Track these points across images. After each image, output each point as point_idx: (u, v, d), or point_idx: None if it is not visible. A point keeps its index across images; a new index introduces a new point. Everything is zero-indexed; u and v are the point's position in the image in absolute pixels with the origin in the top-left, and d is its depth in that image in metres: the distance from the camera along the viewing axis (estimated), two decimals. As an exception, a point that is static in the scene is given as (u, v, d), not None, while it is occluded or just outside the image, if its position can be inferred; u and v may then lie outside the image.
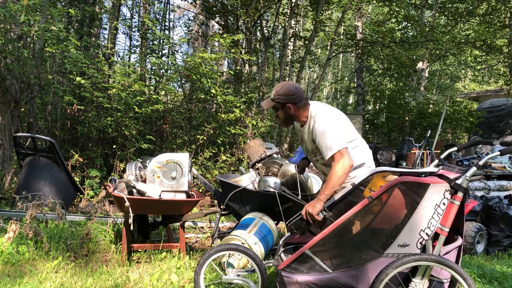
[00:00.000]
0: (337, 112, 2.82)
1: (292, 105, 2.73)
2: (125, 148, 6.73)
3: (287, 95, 2.72)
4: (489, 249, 4.44)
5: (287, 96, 2.72)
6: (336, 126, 2.67)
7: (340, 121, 2.74)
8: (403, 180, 2.13)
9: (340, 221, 2.19)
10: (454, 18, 13.59)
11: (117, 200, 3.38)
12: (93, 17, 9.06)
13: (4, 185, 5.66)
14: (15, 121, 6.49)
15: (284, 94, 2.73)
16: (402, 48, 10.53)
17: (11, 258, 3.25)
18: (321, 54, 19.72)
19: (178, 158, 3.53)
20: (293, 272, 2.27)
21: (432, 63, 15.82)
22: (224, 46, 7.49)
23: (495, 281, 3.32)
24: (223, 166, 7.05)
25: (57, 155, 5.30)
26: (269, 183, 3.87)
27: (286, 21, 10.59)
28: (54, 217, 4.35)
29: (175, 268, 3.27)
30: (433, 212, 2.14)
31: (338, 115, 2.79)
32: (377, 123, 14.81)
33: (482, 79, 21.95)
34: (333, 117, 2.73)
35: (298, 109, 2.76)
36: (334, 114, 2.76)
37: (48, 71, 7.67)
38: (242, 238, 3.28)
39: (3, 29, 6.06)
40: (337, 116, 2.77)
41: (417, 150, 7.62)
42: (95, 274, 3.14)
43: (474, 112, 12.76)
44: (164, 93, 8.80)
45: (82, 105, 6.62)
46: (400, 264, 2.06)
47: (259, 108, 8.54)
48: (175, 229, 4.83)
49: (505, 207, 4.50)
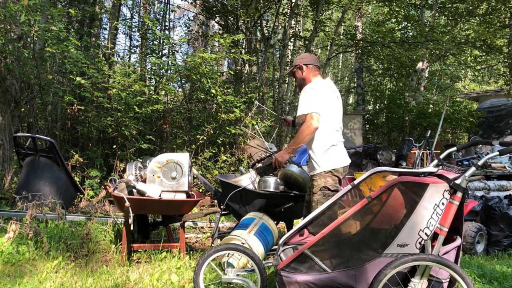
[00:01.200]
0: (329, 91, 3.15)
1: (304, 66, 3.25)
2: (125, 148, 6.74)
3: (301, 58, 3.31)
4: (489, 249, 4.44)
5: (301, 59, 3.29)
6: (318, 96, 3.04)
7: (325, 96, 3.08)
8: (402, 180, 2.13)
9: (340, 221, 2.19)
10: (454, 18, 13.59)
11: (117, 200, 3.38)
12: (93, 17, 9.06)
13: (4, 185, 5.67)
14: (15, 121, 6.49)
15: (300, 58, 3.32)
16: (402, 48, 10.52)
17: (11, 258, 3.25)
18: (321, 54, 19.72)
19: (178, 158, 3.53)
20: (293, 272, 2.28)
21: (432, 63, 15.81)
22: (224, 46, 7.49)
23: (495, 281, 3.32)
24: (223, 166, 7.05)
25: (57, 155, 5.30)
26: (269, 183, 3.87)
27: (286, 21, 10.59)
28: (54, 217, 4.36)
29: (175, 268, 3.28)
30: (432, 212, 2.14)
31: (328, 92, 3.12)
32: (377, 123, 14.81)
33: (482, 79, 21.93)
34: (321, 90, 3.09)
35: (309, 72, 3.25)
36: (324, 89, 3.11)
37: (48, 71, 7.67)
38: (242, 238, 3.28)
39: (3, 29, 6.06)
40: (326, 92, 3.11)
41: (417, 150, 7.62)
42: (95, 274, 3.15)
43: (474, 112, 12.76)
44: (164, 93, 8.80)
45: (82, 105, 6.63)
46: (398, 264, 2.07)
47: (259, 108, 8.54)
48: (175, 229, 4.84)
49: (505, 207, 4.50)
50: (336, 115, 3.15)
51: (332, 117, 3.11)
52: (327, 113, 3.07)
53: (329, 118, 3.09)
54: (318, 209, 2.55)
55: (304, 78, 3.27)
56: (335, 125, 3.14)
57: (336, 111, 3.17)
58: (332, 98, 3.14)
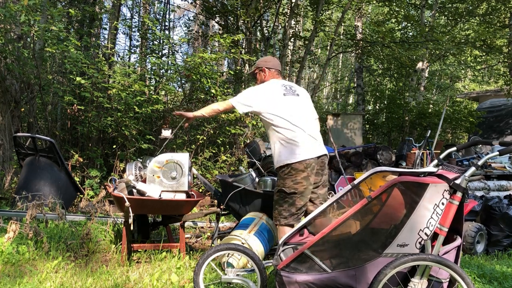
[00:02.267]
0: (276, 89, 3.24)
1: (267, 70, 3.40)
2: (125, 148, 6.74)
3: (265, 61, 3.43)
4: (489, 249, 4.44)
5: (265, 62, 3.41)
6: (253, 93, 3.22)
7: (262, 93, 3.21)
8: (402, 180, 2.13)
9: (339, 221, 2.19)
10: (454, 18, 13.58)
11: (117, 200, 3.38)
12: (93, 17, 9.07)
13: (4, 185, 5.67)
14: (15, 121, 6.49)
15: (264, 61, 3.43)
16: (402, 48, 10.52)
17: (11, 258, 3.25)
18: (321, 54, 19.72)
19: (178, 158, 3.53)
20: (292, 271, 2.28)
21: (432, 63, 15.81)
22: (224, 46, 7.49)
23: (495, 281, 3.32)
24: (223, 166, 7.06)
25: (57, 155, 5.30)
26: (269, 183, 3.87)
27: (286, 21, 10.58)
28: (54, 217, 4.36)
29: (175, 268, 3.28)
30: (432, 212, 2.14)
31: (274, 90, 3.22)
32: (377, 123, 14.80)
33: (482, 79, 21.92)
34: (261, 88, 3.25)
35: (270, 75, 3.40)
36: (268, 87, 3.24)
37: (48, 71, 7.68)
38: (242, 238, 3.28)
39: (3, 29, 6.06)
40: (269, 90, 3.22)
41: (417, 150, 7.61)
42: (95, 274, 3.15)
43: (474, 112, 12.75)
44: (164, 93, 8.80)
45: (82, 105, 6.63)
46: (398, 264, 2.07)
47: None
48: (175, 229, 4.84)
49: (505, 207, 4.49)
50: (287, 112, 3.14)
51: (282, 114, 3.12)
52: (273, 112, 3.13)
53: (276, 118, 3.13)
54: (318, 209, 2.55)
55: (264, 81, 3.38)
56: (291, 122, 3.11)
57: (287, 108, 3.16)
58: (278, 95, 3.19)
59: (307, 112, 3.29)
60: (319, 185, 3.22)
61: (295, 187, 3.03)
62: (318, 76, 19.80)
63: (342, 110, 19.94)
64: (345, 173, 6.34)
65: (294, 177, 3.03)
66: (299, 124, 3.12)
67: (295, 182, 3.03)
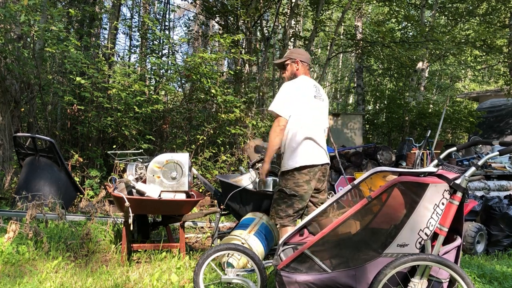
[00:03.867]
0: (310, 92, 3.15)
1: (300, 63, 3.28)
2: (125, 148, 6.74)
3: (299, 53, 3.31)
4: (489, 249, 4.44)
5: (299, 54, 3.30)
6: (295, 96, 3.08)
7: (303, 97, 3.10)
8: (402, 180, 2.13)
9: (339, 221, 2.19)
10: (454, 18, 13.58)
11: (117, 200, 3.38)
12: (93, 17, 9.07)
13: (4, 185, 5.67)
14: (15, 121, 6.49)
15: (297, 53, 3.32)
16: (402, 48, 10.52)
17: (11, 258, 3.25)
18: (321, 54, 19.72)
19: (178, 158, 3.53)
20: (292, 271, 2.27)
21: (432, 63, 15.81)
22: (224, 46, 7.49)
23: (495, 281, 3.32)
24: (223, 166, 7.05)
25: (57, 155, 5.30)
26: (269, 183, 3.87)
27: (286, 21, 10.58)
28: (54, 217, 4.36)
29: (175, 268, 3.28)
30: (432, 212, 2.14)
31: (308, 92, 3.13)
32: (377, 123, 14.80)
33: (482, 79, 21.93)
34: (302, 89, 3.12)
35: (302, 69, 3.29)
36: (305, 89, 3.13)
37: (48, 71, 7.68)
38: (242, 238, 3.28)
39: (3, 29, 6.06)
40: (305, 92, 3.12)
41: (417, 150, 7.61)
42: (95, 274, 3.15)
43: (474, 112, 12.75)
44: (164, 93, 8.80)
45: (82, 105, 6.63)
46: (398, 264, 2.07)
47: (259, 108, 8.54)
48: (175, 229, 4.84)
49: (505, 207, 4.49)
50: (311, 115, 3.14)
51: (307, 116, 3.11)
52: (300, 112, 3.09)
53: (302, 118, 3.10)
54: (318, 209, 2.55)
55: (296, 74, 3.29)
56: (310, 125, 3.12)
57: (312, 112, 3.15)
58: (310, 98, 3.14)
59: (324, 120, 3.33)
60: (321, 191, 3.28)
61: (296, 189, 3.06)
62: (318, 76, 19.80)
63: (342, 110, 19.96)
64: (345, 173, 6.34)
65: (296, 180, 3.06)
66: (316, 129, 3.18)
67: (297, 184, 3.06)
